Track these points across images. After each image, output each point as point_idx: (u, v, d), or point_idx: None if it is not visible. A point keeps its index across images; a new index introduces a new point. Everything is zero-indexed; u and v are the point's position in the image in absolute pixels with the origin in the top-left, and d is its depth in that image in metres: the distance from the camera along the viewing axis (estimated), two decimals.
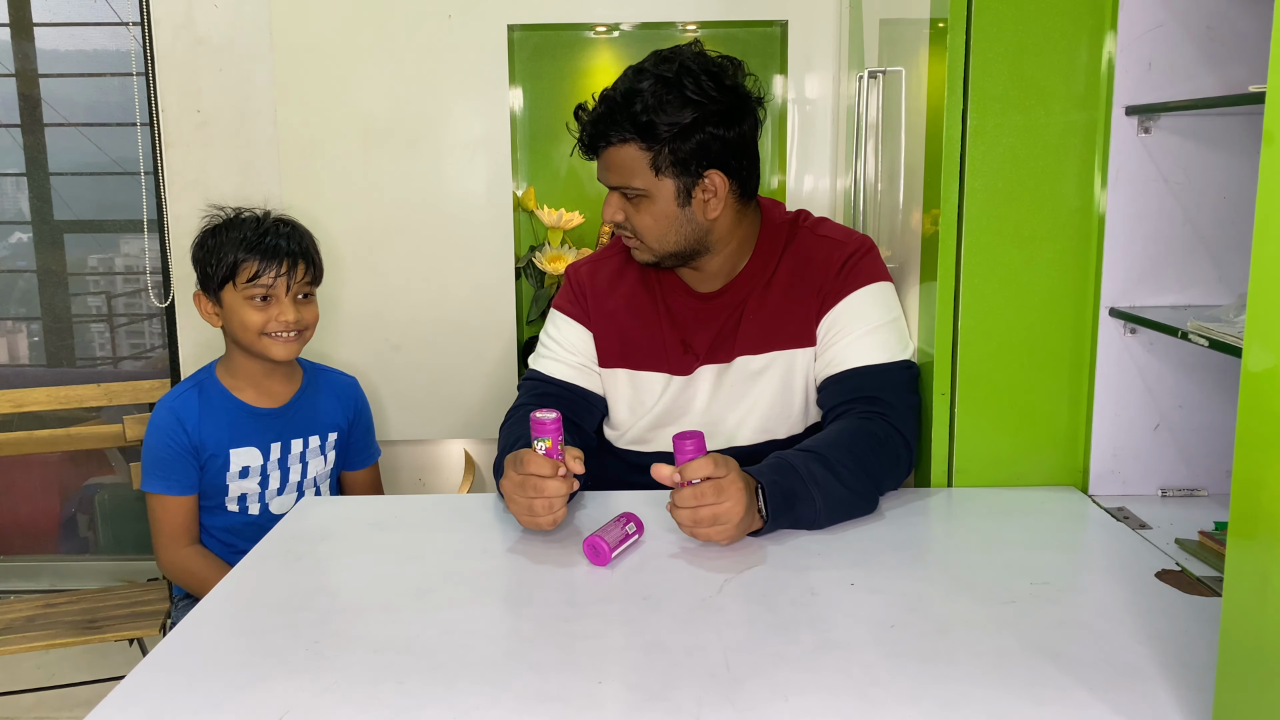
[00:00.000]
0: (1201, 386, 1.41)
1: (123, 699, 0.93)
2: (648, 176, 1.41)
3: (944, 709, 0.89)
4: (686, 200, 1.43)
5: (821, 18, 2.26)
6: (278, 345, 1.68)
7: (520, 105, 2.42)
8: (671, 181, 1.41)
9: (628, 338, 1.55)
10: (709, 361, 1.51)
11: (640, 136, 1.39)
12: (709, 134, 1.39)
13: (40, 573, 3.05)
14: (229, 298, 1.68)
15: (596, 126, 1.41)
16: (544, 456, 1.25)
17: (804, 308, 1.48)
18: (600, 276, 1.59)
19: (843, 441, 1.34)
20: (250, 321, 1.67)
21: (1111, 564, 1.22)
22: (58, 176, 2.96)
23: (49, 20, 2.90)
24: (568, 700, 0.91)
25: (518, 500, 1.26)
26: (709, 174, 1.41)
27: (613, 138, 1.40)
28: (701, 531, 1.22)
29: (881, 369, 1.43)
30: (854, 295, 1.46)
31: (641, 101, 1.37)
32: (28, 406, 2.18)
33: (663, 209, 1.43)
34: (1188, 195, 1.37)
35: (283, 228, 1.71)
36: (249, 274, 1.66)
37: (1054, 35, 1.36)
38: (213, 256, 1.67)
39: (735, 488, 1.21)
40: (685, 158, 1.40)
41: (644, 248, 1.47)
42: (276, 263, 1.66)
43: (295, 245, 1.69)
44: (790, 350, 1.48)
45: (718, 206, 1.44)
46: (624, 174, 1.42)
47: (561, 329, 1.59)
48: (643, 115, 1.37)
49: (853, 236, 1.52)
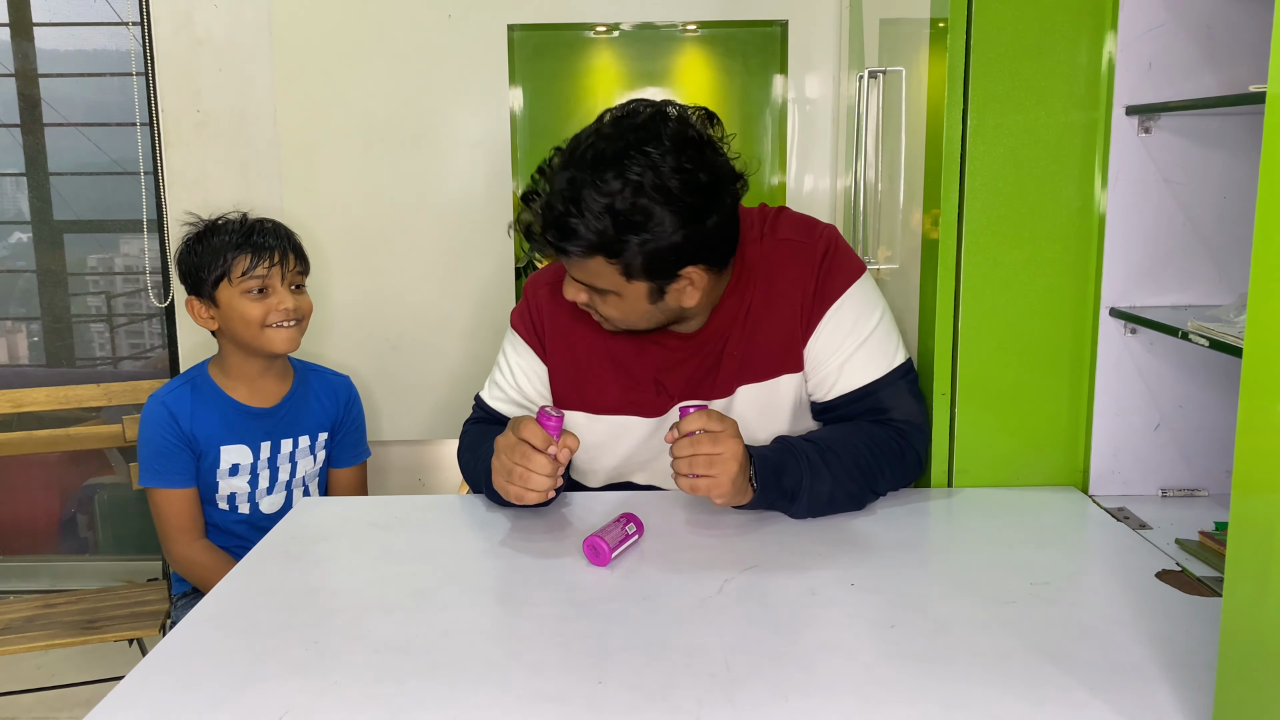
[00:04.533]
0: (1201, 386, 1.41)
1: (123, 699, 0.93)
2: (617, 281, 1.26)
3: (944, 709, 0.89)
4: (660, 296, 1.28)
5: (821, 18, 2.26)
6: (280, 336, 1.70)
7: (520, 105, 2.42)
8: (644, 284, 1.26)
9: (588, 380, 1.42)
10: (684, 399, 1.40)
11: (605, 253, 1.22)
12: (681, 236, 1.22)
13: (40, 573, 3.05)
14: (225, 296, 1.69)
15: (553, 243, 1.23)
16: (541, 430, 1.24)
17: (787, 330, 1.38)
18: (562, 308, 1.42)
19: (841, 436, 1.34)
20: (250, 314, 1.68)
21: (1111, 564, 1.22)
22: (58, 176, 2.96)
23: (49, 20, 2.90)
24: (568, 700, 0.91)
25: (501, 459, 1.25)
26: (685, 272, 1.26)
27: (572, 253, 1.23)
28: (698, 483, 1.21)
29: (883, 383, 1.38)
30: (836, 307, 1.37)
31: (596, 222, 1.19)
32: (28, 406, 2.18)
33: (633, 305, 1.29)
34: (1188, 195, 1.37)
35: (267, 225, 1.74)
36: (243, 267, 1.68)
37: (1054, 35, 1.36)
38: (203, 259, 1.70)
39: (731, 440, 1.21)
40: (659, 264, 1.23)
41: (611, 325, 1.35)
42: (269, 254, 1.69)
43: (283, 238, 1.73)
44: (775, 379, 1.39)
45: (695, 294, 1.29)
46: (588, 276, 1.27)
47: (519, 352, 1.47)
48: (612, 233, 1.19)
49: (814, 232, 1.40)
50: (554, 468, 1.24)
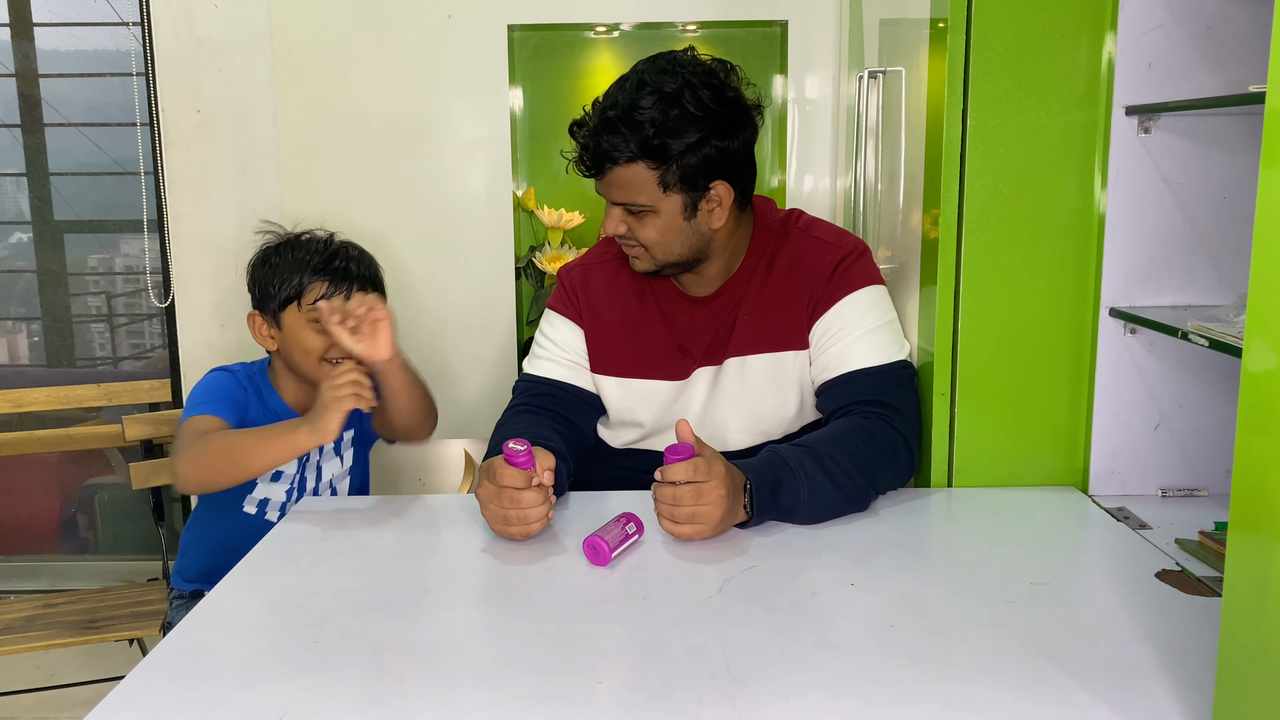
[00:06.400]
0: (1201, 386, 1.41)
1: (123, 699, 0.93)
2: (655, 193, 1.40)
3: (944, 709, 0.89)
4: (692, 213, 1.42)
5: (821, 18, 2.26)
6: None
7: (520, 105, 2.42)
8: (679, 197, 1.40)
9: (620, 346, 1.54)
10: (705, 364, 1.51)
11: (649, 157, 1.37)
12: (714, 148, 1.38)
13: (40, 573, 3.05)
14: (290, 320, 1.58)
15: (600, 148, 1.39)
16: (518, 471, 1.24)
17: (796, 311, 1.47)
18: (593, 281, 1.58)
19: (836, 438, 1.34)
20: (311, 346, 1.57)
21: (1111, 564, 1.22)
22: (58, 176, 2.96)
23: (49, 20, 2.90)
24: (568, 700, 0.91)
25: (491, 509, 1.26)
26: (714, 185, 1.41)
27: (619, 159, 1.38)
28: (679, 529, 1.24)
29: (880, 370, 1.43)
30: (847, 299, 1.45)
31: (651, 123, 1.35)
32: (28, 406, 2.19)
33: (668, 223, 1.42)
34: (1188, 195, 1.37)
35: (351, 251, 1.62)
36: (316, 295, 1.57)
37: (1054, 35, 1.36)
38: (276, 275, 1.58)
39: (715, 494, 1.22)
40: (692, 173, 1.39)
41: (646, 258, 1.46)
42: (346, 286, 1.58)
43: (364, 270, 1.61)
44: (782, 352, 1.48)
45: (722, 216, 1.44)
46: (630, 191, 1.40)
47: (557, 327, 1.58)
48: (655, 138, 1.35)
49: (845, 239, 1.51)
50: (545, 494, 1.26)
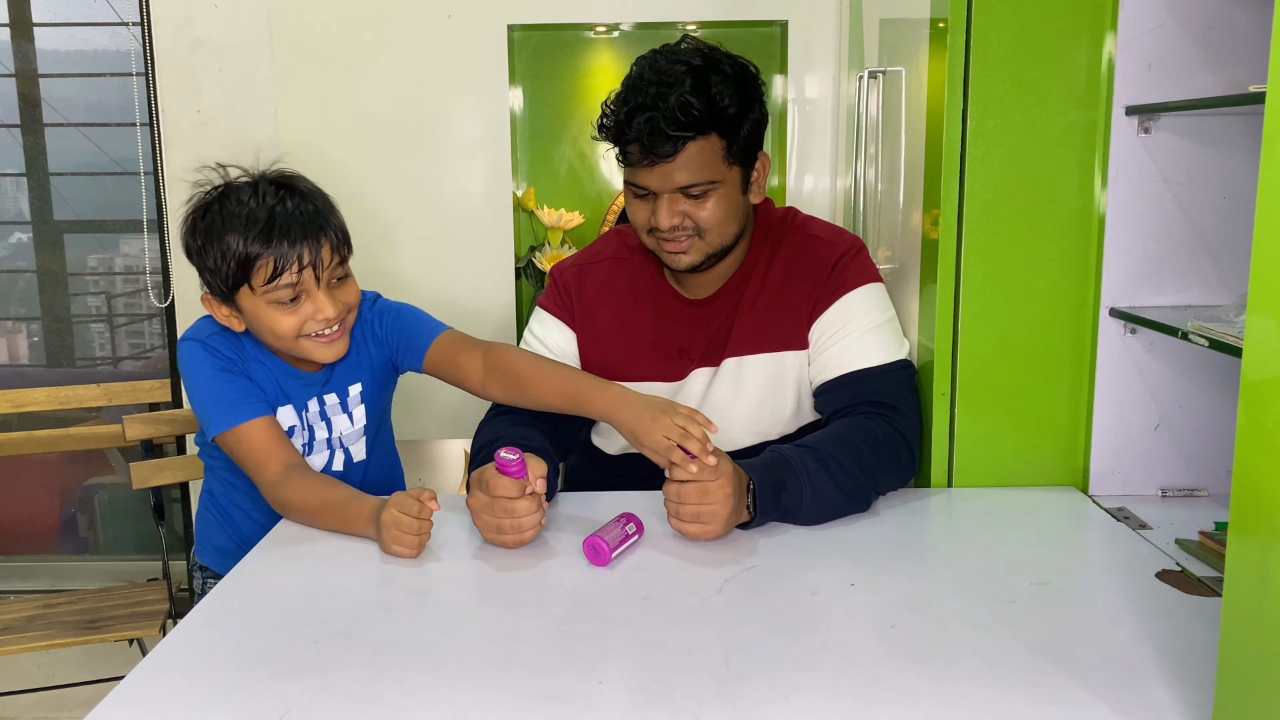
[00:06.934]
0: (1201, 386, 1.41)
1: (123, 699, 0.93)
2: (721, 167, 1.38)
3: (944, 709, 0.89)
4: (747, 186, 1.44)
5: (821, 18, 2.26)
6: (321, 347, 1.37)
7: (520, 105, 2.42)
8: (739, 169, 1.41)
9: (614, 348, 1.52)
10: (702, 364, 1.50)
11: (722, 128, 1.36)
12: (760, 114, 1.41)
13: (40, 573, 3.05)
14: (248, 303, 1.33)
15: (675, 126, 1.33)
16: (510, 480, 1.23)
17: (795, 310, 1.47)
18: (588, 282, 1.55)
19: (839, 438, 1.34)
20: (282, 328, 1.33)
21: (1112, 564, 1.22)
22: (58, 176, 2.96)
23: (49, 20, 2.90)
24: (568, 700, 0.91)
25: (484, 518, 1.26)
26: (760, 155, 1.44)
27: (697, 134, 1.35)
28: (685, 528, 1.24)
29: (880, 370, 1.42)
30: (846, 298, 1.45)
31: (722, 95, 1.34)
32: (28, 406, 2.18)
33: (731, 198, 1.41)
34: (1188, 195, 1.37)
35: (291, 207, 1.32)
36: (266, 273, 1.30)
37: (1054, 35, 1.36)
38: (213, 251, 1.31)
39: (721, 492, 1.22)
40: (749, 143, 1.40)
41: (698, 247, 1.41)
42: (297, 253, 1.30)
43: (313, 220, 1.32)
44: (780, 352, 1.48)
45: (761, 187, 1.46)
46: (698, 169, 1.36)
47: (547, 327, 1.56)
48: (730, 108, 1.35)
49: (843, 237, 1.51)
50: (538, 502, 1.25)
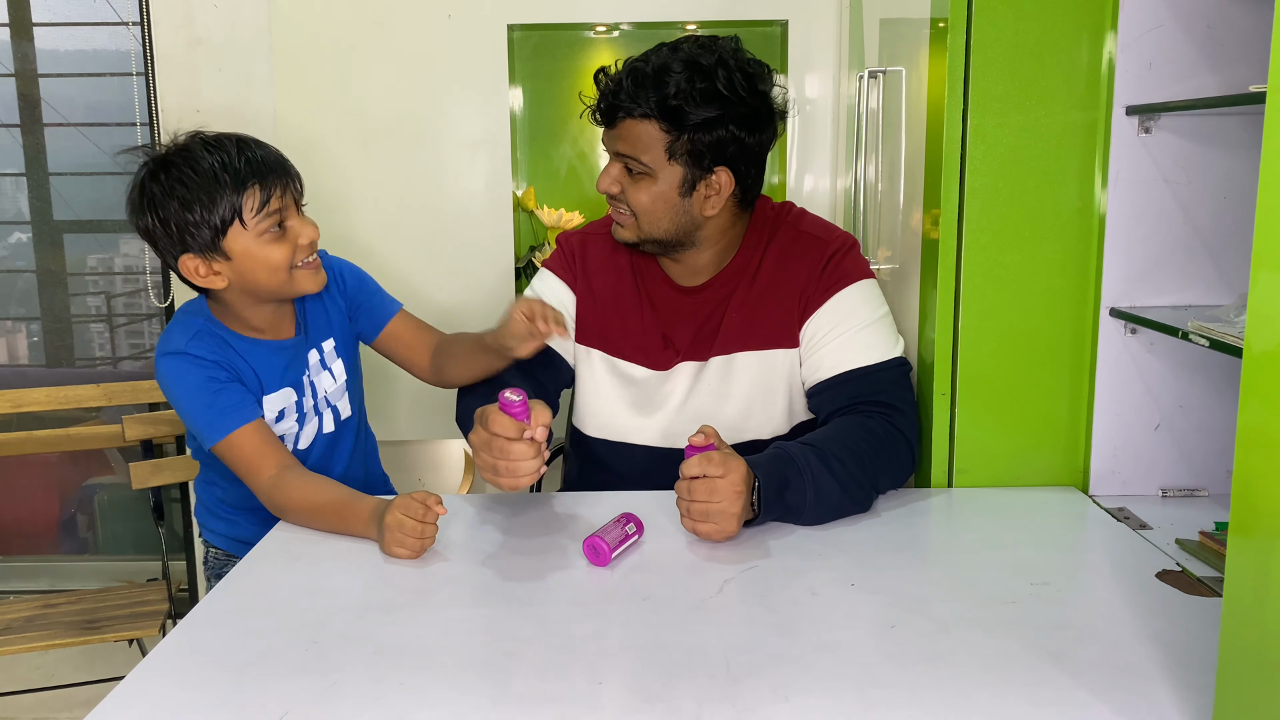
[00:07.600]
0: (1201, 386, 1.41)
1: (123, 699, 0.93)
2: (658, 158, 1.39)
3: (944, 709, 0.89)
4: (689, 191, 1.41)
5: (821, 18, 2.26)
6: (308, 275, 1.41)
7: (520, 105, 2.42)
8: (680, 169, 1.39)
9: (608, 321, 1.53)
10: (688, 358, 1.49)
11: (664, 118, 1.36)
12: (730, 133, 1.38)
13: (40, 573, 3.05)
14: (239, 243, 1.35)
15: (618, 96, 1.38)
16: (511, 419, 1.20)
17: (787, 308, 1.46)
18: (591, 250, 1.57)
19: (841, 437, 1.34)
20: (276, 259, 1.37)
21: (1112, 564, 1.22)
22: (57, 176, 2.96)
23: (49, 20, 2.90)
24: (568, 700, 0.91)
25: (482, 456, 1.23)
26: (718, 170, 1.40)
27: (635, 111, 1.37)
28: (698, 528, 1.24)
29: (877, 369, 1.42)
30: (838, 295, 1.45)
31: (675, 84, 1.34)
32: (27, 406, 2.18)
33: (662, 193, 1.41)
34: (1188, 195, 1.37)
35: (250, 145, 1.39)
36: (256, 201, 1.34)
37: (1054, 35, 1.36)
38: (191, 204, 1.33)
39: (732, 490, 1.21)
40: (701, 150, 1.38)
41: (631, 225, 1.45)
42: (279, 181, 1.37)
43: (276, 156, 1.40)
44: (771, 350, 1.47)
45: (716, 205, 1.43)
46: (635, 147, 1.39)
47: (548, 283, 1.57)
48: (674, 99, 1.34)
49: (834, 234, 1.50)
50: (536, 449, 1.21)
